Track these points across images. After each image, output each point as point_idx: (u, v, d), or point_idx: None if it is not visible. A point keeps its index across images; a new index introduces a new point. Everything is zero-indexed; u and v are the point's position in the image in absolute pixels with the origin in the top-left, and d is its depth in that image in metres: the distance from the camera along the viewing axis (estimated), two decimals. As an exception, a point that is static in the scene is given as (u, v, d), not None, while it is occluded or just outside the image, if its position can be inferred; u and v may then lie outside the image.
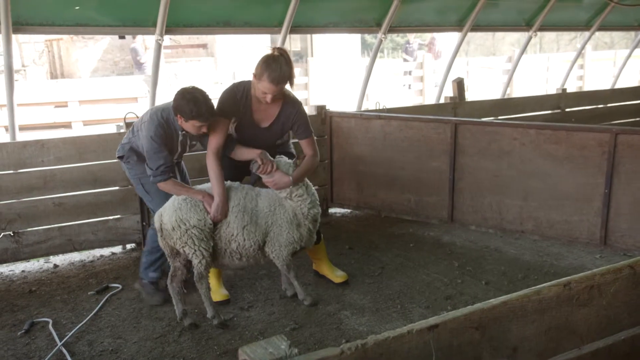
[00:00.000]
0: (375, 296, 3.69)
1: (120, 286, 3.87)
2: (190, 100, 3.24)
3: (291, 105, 3.57)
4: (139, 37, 11.93)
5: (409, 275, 3.99)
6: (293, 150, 3.86)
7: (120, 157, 3.66)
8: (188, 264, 3.33)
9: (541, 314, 1.66)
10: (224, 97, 3.51)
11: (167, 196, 3.42)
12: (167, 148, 3.42)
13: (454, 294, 3.70)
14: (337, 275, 3.91)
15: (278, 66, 3.30)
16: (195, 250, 3.20)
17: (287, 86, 3.48)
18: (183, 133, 3.49)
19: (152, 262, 3.67)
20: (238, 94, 3.51)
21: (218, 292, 3.63)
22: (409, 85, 12.90)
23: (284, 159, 3.45)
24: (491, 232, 4.74)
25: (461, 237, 4.72)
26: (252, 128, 3.58)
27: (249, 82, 3.54)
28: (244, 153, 3.50)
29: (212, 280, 3.51)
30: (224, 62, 17.77)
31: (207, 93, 3.35)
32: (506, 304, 1.62)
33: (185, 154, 3.77)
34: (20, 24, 4.19)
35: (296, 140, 3.73)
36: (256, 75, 3.36)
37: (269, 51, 3.42)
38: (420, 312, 3.45)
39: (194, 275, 3.28)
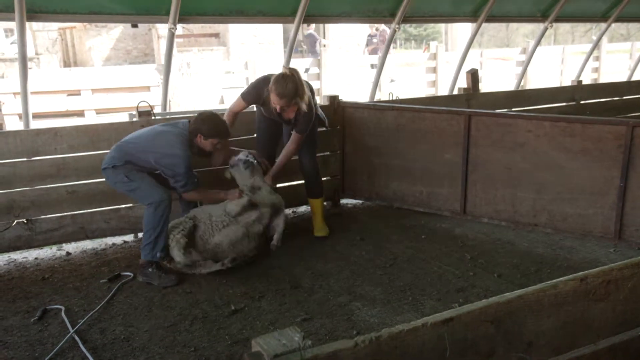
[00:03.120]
0: (386, 288, 3.68)
1: (131, 274, 3.89)
2: (212, 122, 3.89)
3: (303, 114, 4.18)
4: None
5: (420, 267, 3.98)
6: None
7: (106, 169, 3.87)
8: None
9: (557, 308, 1.64)
10: (251, 89, 4.25)
11: (151, 179, 3.85)
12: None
13: (466, 286, 3.68)
14: (317, 229, 4.59)
15: (285, 84, 3.94)
16: None
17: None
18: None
19: (156, 241, 3.76)
20: (264, 91, 4.14)
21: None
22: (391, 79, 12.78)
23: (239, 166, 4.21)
24: (504, 225, 4.70)
25: (473, 229, 4.69)
26: (274, 118, 4.28)
27: None
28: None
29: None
30: (237, 51, 17.76)
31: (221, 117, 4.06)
32: (522, 298, 1.60)
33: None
34: (34, 11, 4.20)
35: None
36: (270, 89, 4.01)
37: (285, 71, 4.03)
38: (432, 305, 3.44)
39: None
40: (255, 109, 4.52)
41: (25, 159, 4.10)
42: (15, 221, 4.13)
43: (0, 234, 4.10)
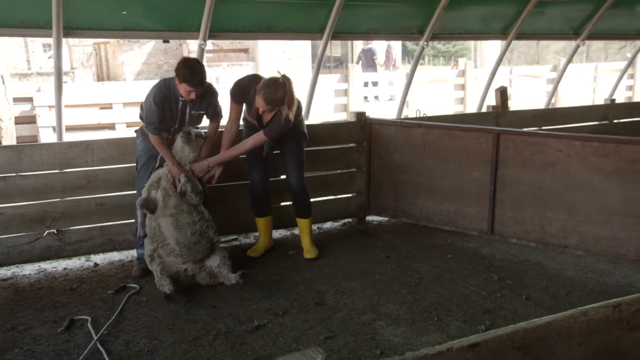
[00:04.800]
0: (411, 307, 3.63)
1: (138, 286, 3.94)
2: (189, 67, 3.78)
3: (278, 121, 4.02)
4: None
5: (446, 287, 3.92)
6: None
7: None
8: None
9: (588, 336, 1.58)
10: (236, 88, 4.12)
11: (146, 177, 3.94)
12: (163, 109, 3.90)
13: (493, 308, 3.60)
14: (306, 251, 4.46)
15: (275, 90, 3.82)
16: None
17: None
18: (182, 100, 3.94)
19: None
20: (251, 90, 4.01)
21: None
22: (376, 96, 12.69)
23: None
24: (532, 246, 4.61)
25: (501, 249, 4.60)
26: (257, 119, 4.14)
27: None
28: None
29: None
30: (265, 66, 17.95)
31: (205, 67, 3.93)
32: (551, 325, 1.55)
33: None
34: (70, 28, 4.32)
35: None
36: (258, 89, 3.87)
37: (277, 75, 3.89)
38: (458, 326, 3.38)
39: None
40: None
41: (57, 171, 4.19)
42: (47, 231, 4.21)
43: (31, 244, 4.18)
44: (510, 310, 3.56)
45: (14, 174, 4.07)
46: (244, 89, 4.08)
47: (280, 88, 3.83)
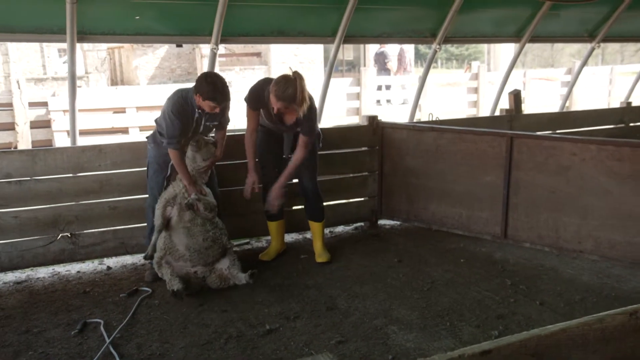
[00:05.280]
0: (423, 312, 3.60)
1: (150, 290, 3.96)
2: (210, 83, 3.77)
3: (304, 116, 4.03)
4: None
5: (459, 292, 3.88)
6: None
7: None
8: None
9: (604, 344, 1.56)
10: (250, 93, 4.12)
11: (159, 184, 4.01)
12: (182, 122, 3.86)
13: (506, 313, 3.56)
14: (318, 254, 4.45)
15: (286, 87, 3.83)
16: None
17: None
18: (199, 112, 3.92)
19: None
20: (261, 98, 4.07)
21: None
22: (388, 100, 12.63)
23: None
24: (547, 251, 4.56)
25: (514, 254, 4.56)
26: (275, 122, 4.16)
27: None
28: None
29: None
30: (278, 70, 17.98)
31: (226, 80, 3.90)
32: (565, 332, 1.53)
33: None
34: (84, 33, 4.35)
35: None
36: (270, 87, 3.91)
37: (289, 72, 3.91)
38: (471, 331, 3.34)
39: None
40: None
41: (71, 175, 4.23)
42: (60, 235, 4.24)
43: (45, 247, 4.22)
44: (524, 316, 3.52)
45: (29, 178, 4.11)
46: (258, 94, 4.09)
47: (290, 84, 3.83)
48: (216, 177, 4.29)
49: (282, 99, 3.85)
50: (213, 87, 3.76)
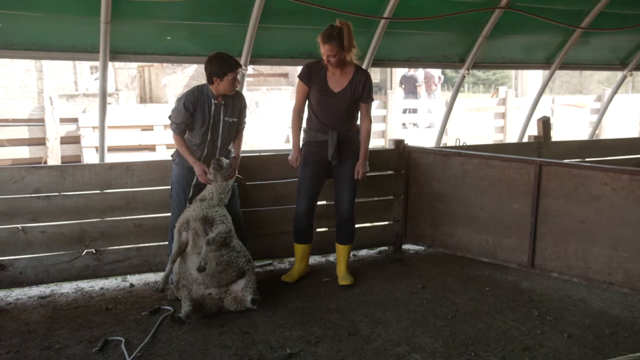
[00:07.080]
0: (447, 340, 3.52)
1: (172, 309, 3.93)
2: (215, 59, 3.86)
3: (362, 73, 4.20)
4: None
5: (484, 321, 3.79)
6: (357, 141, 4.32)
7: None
8: None
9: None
10: (305, 67, 4.25)
11: (181, 205, 4.05)
12: (194, 112, 3.94)
13: (533, 345, 3.46)
14: (341, 277, 4.39)
15: (331, 30, 3.91)
16: None
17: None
18: (216, 103, 3.98)
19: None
20: (312, 70, 4.18)
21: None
22: (414, 124, 12.55)
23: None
24: (575, 281, 4.44)
25: (542, 284, 4.45)
26: (325, 95, 4.17)
27: None
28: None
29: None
30: (304, 91, 18.04)
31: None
32: (600, 371, 1.46)
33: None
34: (117, 52, 4.44)
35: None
36: (317, 39, 3.97)
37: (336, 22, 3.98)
38: (496, 363, 3.26)
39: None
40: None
41: (98, 191, 4.28)
42: (85, 251, 4.28)
43: (70, 263, 4.26)
44: (551, 349, 3.42)
45: (57, 194, 4.17)
46: (311, 64, 4.21)
47: (334, 29, 3.92)
48: (238, 199, 4.30)
49: (329, 40, 3.91)
50: (219, 60, 3.86)
